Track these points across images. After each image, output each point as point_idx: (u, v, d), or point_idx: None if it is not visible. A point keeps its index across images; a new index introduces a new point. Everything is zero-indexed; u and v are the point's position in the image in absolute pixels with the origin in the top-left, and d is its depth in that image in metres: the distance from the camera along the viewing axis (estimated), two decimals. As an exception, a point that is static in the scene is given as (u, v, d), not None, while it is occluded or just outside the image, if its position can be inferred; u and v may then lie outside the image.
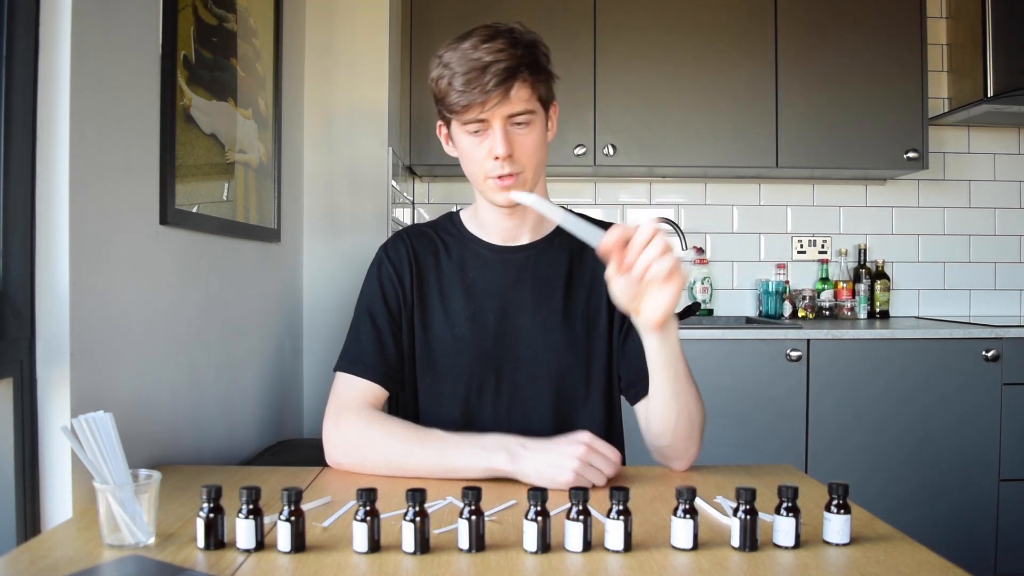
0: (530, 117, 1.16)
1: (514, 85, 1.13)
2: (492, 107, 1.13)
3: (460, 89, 1.12)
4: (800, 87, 2.72)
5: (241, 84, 1.62)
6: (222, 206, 1.55)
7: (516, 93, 1.13)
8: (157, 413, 1.24)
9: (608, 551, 0.84)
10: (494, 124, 1.14)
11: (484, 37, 1.14)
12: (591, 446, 1.06)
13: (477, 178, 1.20)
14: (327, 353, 2.10)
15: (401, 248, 1.32)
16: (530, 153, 1.18)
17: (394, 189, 2.24)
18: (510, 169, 1.16)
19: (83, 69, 1.02)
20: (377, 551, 0.83)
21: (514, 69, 1.12)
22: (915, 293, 3.07)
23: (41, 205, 0.99)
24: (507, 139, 1.15)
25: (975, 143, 3.07)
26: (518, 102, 1.14)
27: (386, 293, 1.30)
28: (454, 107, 1.14)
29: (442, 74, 1.15)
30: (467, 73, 1.11)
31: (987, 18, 2.72)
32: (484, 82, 1.11)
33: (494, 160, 1.15)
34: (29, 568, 0.79)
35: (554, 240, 1.31)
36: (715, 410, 2.40)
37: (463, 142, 1.19)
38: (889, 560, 0.82)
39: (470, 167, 1.21)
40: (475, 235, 1.31)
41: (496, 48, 1.12)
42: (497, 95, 1.12)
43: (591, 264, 1.30)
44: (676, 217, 3.05)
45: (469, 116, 1.14)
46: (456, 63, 1.13)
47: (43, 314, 0.99)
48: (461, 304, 1.27)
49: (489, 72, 1.11)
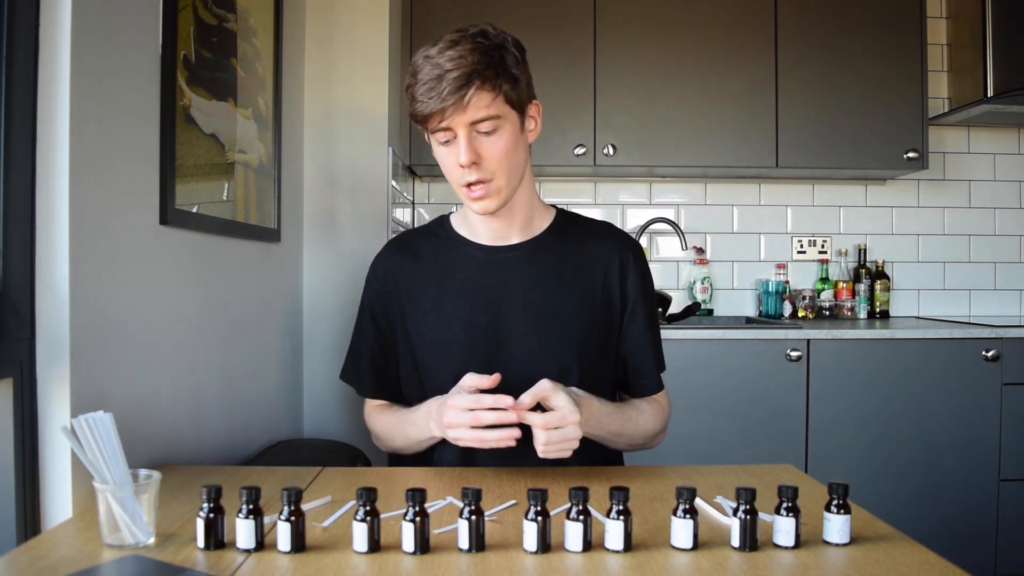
0: (495, 123, 1.15)
1: (469, 92, 1.11)
2: (451, 115, 1.12)
3: (420, 98, 1.12)
4: (800, 87, 2.72)
5: (241, 84, 1.62)
6: (222, 206, 1.55)
7: (475, 100, 1.11)
8: (157, 413, 1.24)
9: (608, 551, 0.84)
10: (459, 132, 1.14)
11: (448, 43, 1.13)
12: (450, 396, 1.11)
13: (454, 186, 1.22)
14: (327, 353, 2.10)
15: (388, 259, 1.35)
16: (499, 159, 1.16)
17: (394, 189, 2.24)
18: (478, 176, 1.16)
19: (83, 69, 1.02)
20: (377, 551, 0.83)
21: (469, 76, 1.11)
22: (915, 293, 3.07)
23: (41, 205, 0.99)
24: (471, 147, 1.14)
25: (975, 143, 3.07)
26: (478, 108, 1.12)
27: (374, 308, 1.34)
28: (417, 116, 1.15)
29: (410, 82, 1.15)
30: (427, 82, 1.11)
31: (987, 18, 2.72)
32: (440, 90, 1.10)
33: (460, 168, 1.16)
34: (29, 568, 0.79)
35: (545, 239, 1.31)
36: (715, 410, 2.42)
37: (436, 151, 1.20)
38: (889, 560, 0.82)
39: (448, 176, 1.21)
40: (465, 237, 1.32)
41: (456, 55, 1.11)
42: (453, 102, 1.10)
43: (582, 263, 1.30)
44: (676, 217, 3.05)
45: (432, 125, 1.14)
46: (421, 71, 1.13)
47: (43, 314, 0.99)
48: (453, 306, 1.28)
49: (445, 80, 1.10)
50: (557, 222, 1.34)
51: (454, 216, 1.36)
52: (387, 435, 1.32)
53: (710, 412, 2.42)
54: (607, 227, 1.38)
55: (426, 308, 1.29)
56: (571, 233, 1.33)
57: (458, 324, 1.26)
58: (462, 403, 1.06)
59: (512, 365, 1.25)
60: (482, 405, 1.05)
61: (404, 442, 1.27)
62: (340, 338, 2.09)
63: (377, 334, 1.33)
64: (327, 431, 2.10)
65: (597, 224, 1.38)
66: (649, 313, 1.33)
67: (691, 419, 2.38)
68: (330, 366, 2.09)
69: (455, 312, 1.27)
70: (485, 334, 1.25)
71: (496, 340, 1.25)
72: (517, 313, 1.26)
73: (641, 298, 1.31)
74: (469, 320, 1.26)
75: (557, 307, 1.27)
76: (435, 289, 1.29)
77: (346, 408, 2.09)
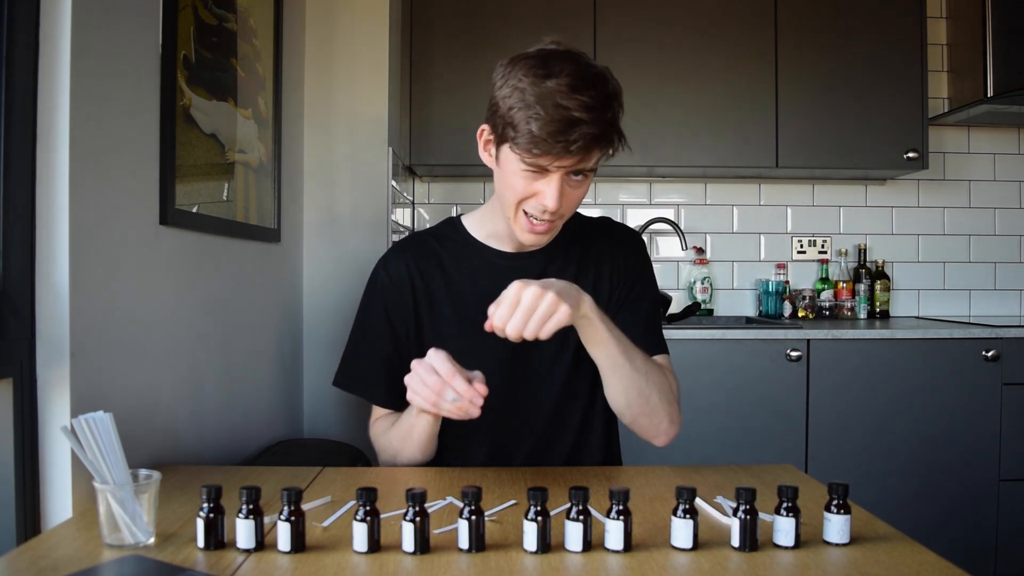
0: (589, 174, 1.13)
1: (595, 150, 1.08)
2: (564, 164, 1.08)
3: (540, 136, 1.04)
4: (800, 87, 2.72)
5: (241, 84, 1.62)
6: (222, 206, 1.55)
7: (592, 155, 1.09)
8: (157, 413, 1.24)
9: (608, 551, 0.84)
10: (553, 176, 1.09)
11: (574, 83, 1.05)
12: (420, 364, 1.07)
13: (510, 205, 1.16)
14: (327, 353, 2.10)
15: (401, 262, 1.29)
16: (573, 204, 1.16)
17: (394, 189, 2.24)
18: (551, 217, 1.14)
19: (83, 69, 1.02)
20: (377, 551, 0.83)
21: (601, 137, 1.07)
22: (915, 293, 3.07)
23: (41, 205, 0.99)
24: (561, 194, 1.10)
25: (975, 143, 3.07)
26: (588, 162, 1.09)
27: (391, 313, 1.28)
28: (523, 146, 1.06)
29: (516, 103, 1.06)
30: (552, 123, 1.03)
31: (987, 18, 2.72)
32: (569, 140, 1.04)
33: (539, 204, 1.12)
34: (29, 568, 0.79)
35: (563, 243, 1.30)
36: (715, 410, 2.42)
37: (511, 169, 1.12)
38: (889, 560, 0.82)
39: (507, 192, 1.15)
40: (484, 243, 1.29)
41: (586, 104, 1.04)
42: (577, 157, 1.06)
43: (593, 262, 1.30)
44: (676, 217, 3.05)
45: (538, 162, 1.08)
46: (539, 103, 1.04)
47: (43, 314, 0.99)
48: (475, 314, 1.23)
49: (576, 132, 1.03)
50: (569, 224, 1.33)
51: (467, 219, 1.33)
52: (385, 440, 1.27)
53: (710, 412, 2.42)
54: (610, 223, 1.39)
55: (447, 316, 1.26)
56: (584, 234, 1.33)
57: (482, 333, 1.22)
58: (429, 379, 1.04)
59: (535, 369, 1.25)
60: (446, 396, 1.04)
61: (398, 437, 1.22)
62: (340, 338, 2.07)
63: (394, 338, 1.28)
64: (327, 431, 2.10)
65: (602, 223, 1.39)
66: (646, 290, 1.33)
67: (691, 419, 2.36)
68: (330, 366, 2.07)
69: (478, 321, 1.22)
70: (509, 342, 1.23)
71: (519, 347, 1.23)
72: None
73: (640, 280, 1.32)
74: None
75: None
76: (457, 296, 1.26)
77: (346, 408, 2.09)
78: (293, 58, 2.01)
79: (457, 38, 2.65)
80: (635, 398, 1.16)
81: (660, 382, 1.19)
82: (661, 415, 1.18)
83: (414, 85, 2.66)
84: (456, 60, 2.64)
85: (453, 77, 2.65)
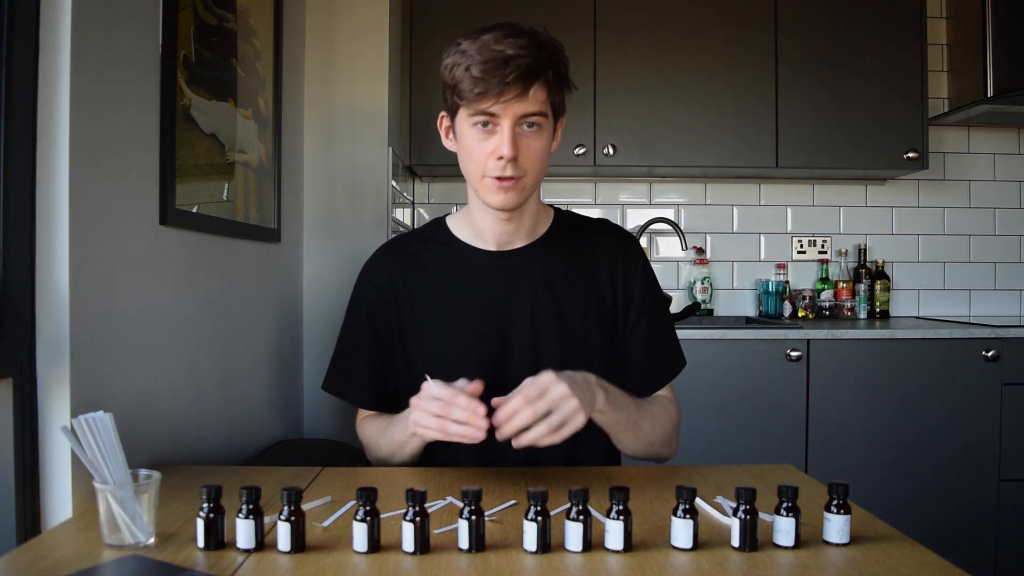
0: (541, 120, 1.13)
1: (534, 84, 1.09)
2: (507, 101, 1.09)
3: (477, 76, 1.07)
4: (800, 87, 2.72)
5: (241, 84, 1.62)
6: (222, 206, 1.55)
7: (534, 93, 1.10)
8: (157, 413, 1.24)
9: (608, 551, 0.84)
10: (503, 123, 1.11)
11: (509, 32, 1.10)
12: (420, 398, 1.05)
13: (474, 176, 1.16)
14: (327, 352, 2.07)
15: (384, 265, 1.30)
16: (535, 159, 1.15)
17: (394, 189, 2.24)
18: (512, 172, 1.13)
19: (83, 69, 1.02)
20: (377, 551, 0.83)
21: (536, 68, 1.09)
22: (915, 293, 3.07)
23: (41, 205, 0.99)
24: (514, 140, 1.11)
25: (975, 143, 3.07)
26: (534, 102, 1.10)
27: (374, 316, 1.29)
28: (466, 94, 1.09)
29: (458, 61, 1.11)
30: (487, 62, 1.07)
31: (987, 18, 2.72)
32: (504, 73, 1.07)
33: (497, 160, 1.12)
34: (29, 568, 0.79)
35: (549, 240, 1.29)
36: (715, 410, 2.42)
37: (467, 135, 1.15)
38: (889, 560, 0.82)
39: (468, 164, 1.17)
40: (466, 242, 1.28)
41: (520, 44, 1.08)
42: (515, 90, 1.08)
43: (584, 262, 1.29)
44: (676, 217, 3.05)
45: (481, 106, 1.10)
46: (475, 52, 1.09)
47: (43, 314, 0.99)
48: (462, 315, 1.25)
49: (511, 64, 1.07)
50: (557, 223, 1.32)
51: (451, 219, 1.32)
52: (375, 443, 1.28)
53: (710, 412, 2.42)
54: (604, 224, 1.37)
55: (431, 319, 1.26)
56: (571, 233, 1.31)
57: (467, 334, 1.24)
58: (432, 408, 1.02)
59: (521, 370, 1.24)
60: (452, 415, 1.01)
61: (389, 446, 1.23)
62: (340, 338, 2.09)
63: (378, 343, 1.29)
64: (327, 431, 2.10)
65: (594, 222, 1.37)
66: (654, 310, 1.31)
67: (691, 419, 2.37)
68: (330, 366, 2.09)
69: (463, 322, 1.24)
70: (495, 343, 1.23)
71: (505, 347, 1.24)
72: (525, 318, 1.24)
73: (646, 295, 1.30)
74: (478, 330, 1.23)
75: (564, 309, 1.25)
76: (441, 299, 1.26)
77: (346, 408, 2.09)
78: (293, 58, 2.01)
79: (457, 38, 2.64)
80: (641, 451, 1.24)
81: (664, 428, 1.24)
82: (662, 453, 1.27)
83: (414, 85, 2.66)
84: (456, 60, 2.64)
85: (453, 77, 2.65)
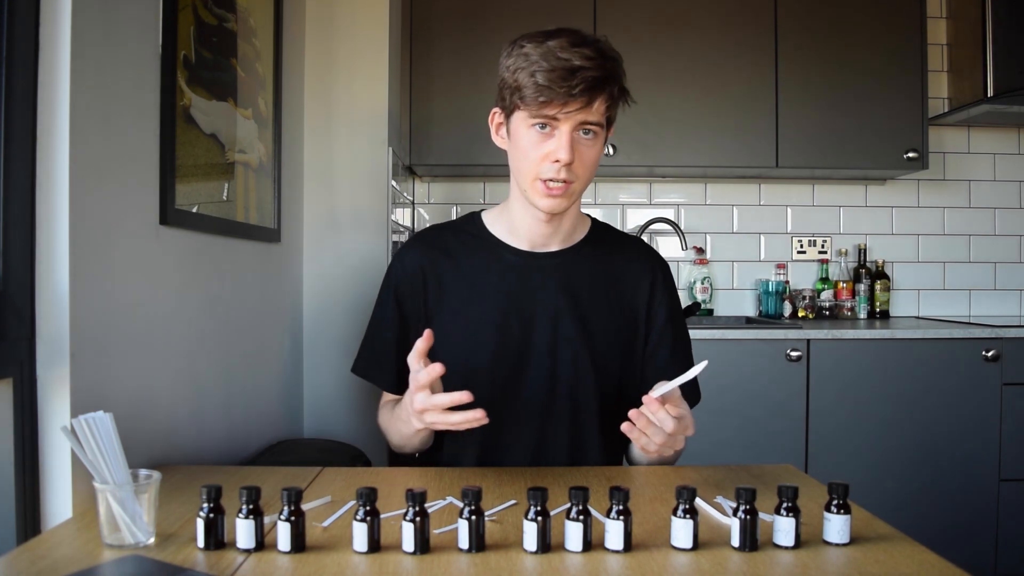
0: (597, 129, 1.16)
1: (599, 96, 1.12)
2: (570, 111, 1.11)
3: (543, 84, 1.10)
4: (800, 87, 2.72)
5: (241, 84, 1.62)
6: (222, 206, 1.55)
7: (597, 105, 1.13)
8: (157, 413, 1.24)
9: (608, 551, 0.84)
10: (562, 127, 1.13)
11: (574, 40, 1.12)
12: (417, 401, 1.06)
13: (526, 177, 1.18)
14: (327, 352, 2.10)
15: (416, 252, 1.32)
16: (588, 166, 1.17)
17: (394, 189, 2.24)
18: (566, 176, 1.15)
19: (83, 69, 1.02)
20: (377, 551, 0.83)
21: (603, 80, 1.11)
22: (915, 293, 3.07)
23: (41, 205, 0.99)
24: (572, 146, 1.13)
25: (975, 143, 3.07)
26: (595, 113, 1.13)
27: (402, 301, 1.31)
28: (530, 99, 1.11)
29: (521, 65, 1.13)
30: (553, 71, 1.09)
31: (987, 18, 2.72)
32: (571, 84, 1.09)
33: (553, 163, 1.14)
34: (29, 568, 0.79)
35: (582, 248, 1.31)
36: (715, 410, 2.42)
37: (523, 136, 1.17)
38: (889, 560, 0.82)
39: (522, 163, 1.18)
40: (501, 239, 1.30)
41: (587, 55, 1.10)
42: (580, 101, 1.11)
43: (614, 277, 1.31)
44: (676, 217, 3.05)
45: (544, 112, 1.12)
46: (541, 57, 1.11)
47: (43, 314, 0.99)
48: (485, 309, 1.26)
49: (578, 76, 1.09)
50: (593, 232, 1.34)
51: (487, 214, 1.34)
52: (387, 431, 1.31)
53: (710, 412, 2.40)
54: (637, 243, 1.39)
55: (455, 309, 1.27)
56: (605, 245, 1.33)
57: (490, 328, 1.25)
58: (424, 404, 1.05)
59: (537, 373, 1.25)
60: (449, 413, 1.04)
61: (397, 438, 1.26)
62: (340, 338, 2.09)
63: (404, 327, 1.30)
64: (327, 431, 2.10)
65: (630, 239, 1.39)
66: (674, 343, 1.33)
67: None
68: (330, 366, 2.09)
69: (485, 314, 1.26)
70: (515, 339, 1.25)
71: (524, 347, 1.25)
72: (547, 319, 1.26)
73: (667, 326, 1.32)
74: (501, 324, 1.25)
75: (586, 319, 1.26)
76: (467, 290, 1.27)
77: (346, 408, 2.09)
78: (293, 58, 2.01)
79: (457, 38, 2.65)
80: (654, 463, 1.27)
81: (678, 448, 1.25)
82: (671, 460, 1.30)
83: (414, 85, 2.66)
84: (456, 60, 2.64)
85: (453, 77, 2.65)
